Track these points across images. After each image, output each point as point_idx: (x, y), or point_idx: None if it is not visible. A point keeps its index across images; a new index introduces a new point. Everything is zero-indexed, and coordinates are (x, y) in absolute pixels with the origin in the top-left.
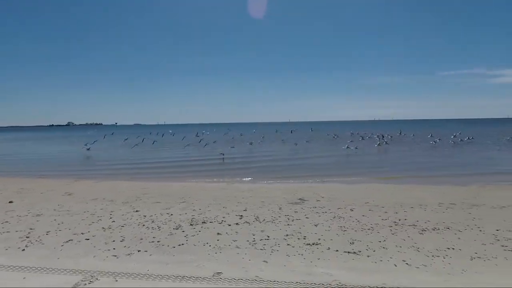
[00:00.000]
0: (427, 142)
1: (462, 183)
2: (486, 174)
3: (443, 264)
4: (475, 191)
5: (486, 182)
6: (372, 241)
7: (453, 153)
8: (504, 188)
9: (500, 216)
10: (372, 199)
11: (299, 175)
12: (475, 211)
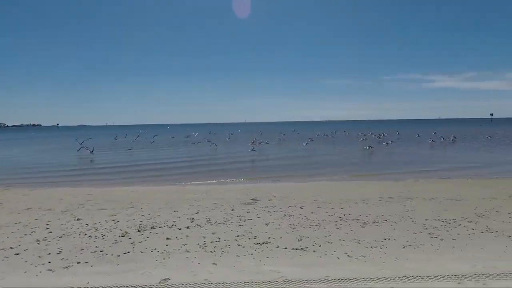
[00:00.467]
0: (372, 141)
1: (399, 178)
2: (419, 170)
3: (380, 254)
4: (410, 186)
5: (419, 177)
6: (318, 236)
7: (394, 151)
8: (433, 182)
9: (429, 207)
10: (320, 197)
11: (253, 176)
12: (409, 204)
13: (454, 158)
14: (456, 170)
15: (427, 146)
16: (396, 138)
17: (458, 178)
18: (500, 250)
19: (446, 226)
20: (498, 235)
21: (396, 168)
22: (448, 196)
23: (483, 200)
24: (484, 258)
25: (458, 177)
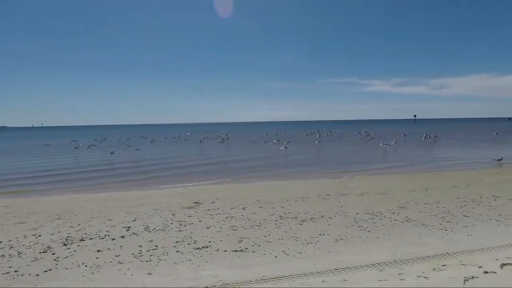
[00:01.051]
0: (312, 141)
1: (336, 175)
2: (354, 166)
3: (315, 249)
4: (345, 182)
5: (354, 174)
6: (258, 236)
7: (333, 149)
8: (365, 179)
9: (360, 201)
10: (263, 197)
11: (197, 178)
12: (343, 199)
13: (385, 155)
14: (387, 167)
15: (363, 144)
16: (339, 137)
17: (387, 174)
18: (416, 237)
19: (373, 219)
20: (415, 224)
21: (335, 166)
22: (377, 191)
23: (405, 192)
24: (403, 245)
25: (387, 173)
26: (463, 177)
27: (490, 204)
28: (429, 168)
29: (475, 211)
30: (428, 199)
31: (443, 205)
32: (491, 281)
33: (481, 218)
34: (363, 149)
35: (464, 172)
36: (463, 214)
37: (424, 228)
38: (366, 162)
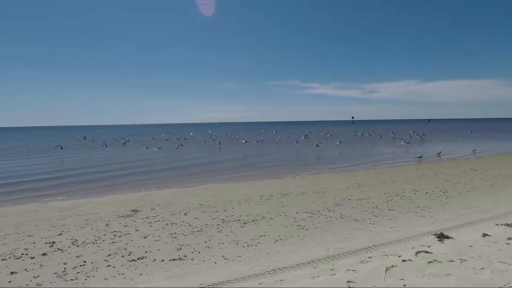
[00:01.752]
0: (254, 142)
1: (279, 176)
2: (295, 167)
3: (254, 251)
4: (287, 182)
5: (295, 173)
6: (199, 242)
7: (276, 150)
8: (306, 178)
9: (301, 201)
10: (206, 201)
11: (136, 184)
12: (285, 200)
13: (325, 154)
14: (325, 165)
15: (308, 144)
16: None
17: (325, 173)
18: (348, 232)
19: (311, 217)
20: (348, 219)
21: (281, 166)
22: (316, 190)
23: (341, 190)
24: (336, 241)
25: (326, 172)
26: (390, 174)
27: (411, 198)
28: (362, 166)
29: (399, 204)
30: (360, 195)
31: (373, 201)
32: (408, 268)
33: (403, 210)
34: (309, 150)
35: (391, 169)
36: (389, 208)
37: (356, 223)
38: (309, 162)
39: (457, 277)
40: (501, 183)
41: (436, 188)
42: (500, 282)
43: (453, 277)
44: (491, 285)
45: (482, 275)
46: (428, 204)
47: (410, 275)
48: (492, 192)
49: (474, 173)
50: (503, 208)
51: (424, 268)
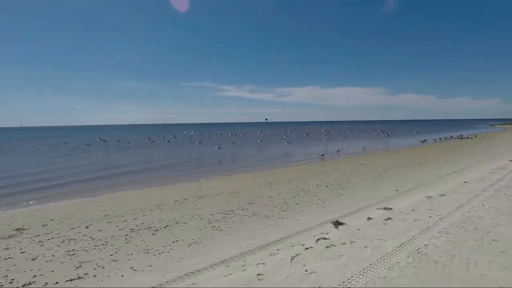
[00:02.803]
0: (163, 144)
1: (194, 179)
2: (211, 168)
3: (166, 258)
4: (203, 185)
5: (211, 175)
6: (103, 257)
7: (189, 152)
8: (221, 180)
9: (215, 202)
10: (113, 210)
11: (21, 197)
12: (200, 202)
13: (239, 155)
14: (238, 166)
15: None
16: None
17: (240, 173)
18: (259, 228)
19: (225, 217)
20: (260, 216)
21: (195, 169)
22: (231, 190)
23: (254, 189)
24: (248, 238)
25: (240, 172)
26: (298, 171)
27: (314, 192)
28: (275, 165)
29: (304, 198)
30: (272, 192)
31: (282, 197)
32: (310, 255)
33: (308, 204)
34: (226, 151)
35: (299, 167)
36: (296, 202)
37: (267, 219)
38: (224, 164)
39: (347, 257)
40: (382, 174)
41: (335, 181)
42: (377, 256)
43: (344, 257)
44: (371, 260)
45: (365, 253)
46: (328, 196)
47: (311, 261)
48: (376, 182)
49: (363, 167)
50: (382, 195)
51: (322, 253)
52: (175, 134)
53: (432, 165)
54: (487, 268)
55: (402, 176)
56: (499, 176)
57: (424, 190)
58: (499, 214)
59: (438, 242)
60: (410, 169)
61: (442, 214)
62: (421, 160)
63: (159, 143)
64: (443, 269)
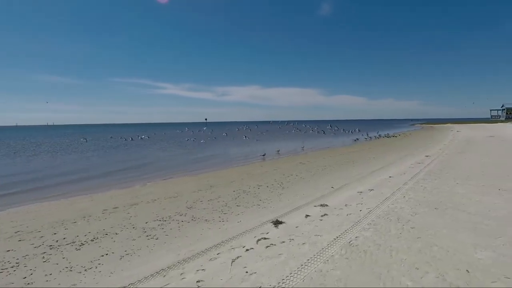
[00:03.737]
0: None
1: (127, 185)
2: (148, 173)
3: (94, 275)
4: (137, 191)
5: (147, 180)
6: (13, 281)
7: (123, 155)
8: (158, 184)
9: (151, 209)
10: (25, 225)
11: None
12: (133, 210)
13: (178, 158)
14: (177, 169)
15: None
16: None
17: (178, 177)
18: (199, 233)
19: (162, 225)
20: (199, 221)
21: (129, 174)
22: (168, 195)
23: (193, 193)
24: (186, 244)
25: (179, 176)
26: (239, 172)
27: (255, 192)
28: (215, 167)
29: (245, 200)
30: (212, 195)
31: (223, 199)
32: (250, 256)
33: (248, 205)
34: (164, 154)
35: (240, 168)
36: (236, 204)
37: (206, 223)
38: (163, 167)
39: (286, 254)
40: (319, 172)
41: (275, 181)
42: (314, 251)
43: (283, 255)
44: (308, 255)
45: (303, 249)
46: (269, 196)
47: (252, 261)
48: (313, 180)
49: (302, 166)
50: (320, 192)
51: (262, 253)
52: (103, 135)
53: (362, 162)
54: (406, 253)
55: (337, 173)
56: (417, 170)
57: (356, 185)
58: (417, 204)
59: (367, 234)
60: (344, 166)
61: (370, 207)
62: (353, 158)
63: (85, 146)
64: (371, 258)
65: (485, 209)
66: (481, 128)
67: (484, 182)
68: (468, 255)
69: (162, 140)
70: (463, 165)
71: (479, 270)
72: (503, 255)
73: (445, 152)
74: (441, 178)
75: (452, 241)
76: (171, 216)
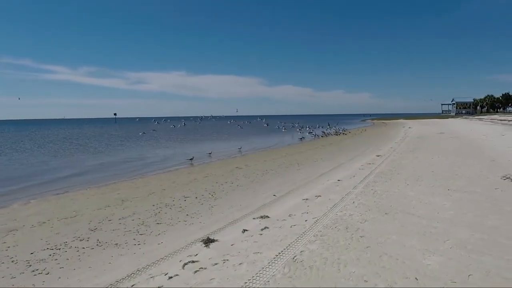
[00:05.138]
0: None
1: (1, 204)
2: (34, 186)
3: None
4: (17, 212)
5: (31, 197)
6: None
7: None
8: (49, 201)
9: (38, 235)
10: None
11: None
12: (11, 238)
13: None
14: (76, 180)
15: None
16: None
17: (76, 190)
18: (107, 262)
19: (55, 254)
20: (108, 246)
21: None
22: (63, 215)
23: (99, 210)
24: (90, 277)
25: (78, 188)
26: (159, 182)
27: (181, 206)
28: (126, 176)
29: (167, 216)
30: (124, 212)
31: (139, 217)
32: (176, 284)
33: (172, 222)
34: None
35: (160, 176)
36: (157, 221)
37: (117, 248)
38: (54, 178)
39: (219, 279)
40: (259, 178)
41: (206, 191)
42: (253, 272)
43: (216, 280)
44: (246, 278)
45: (240, 270)
46: (198, 209)
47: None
48: (252, 187)
49: (239, 171)
50: (260, 202)
51: (190, 280)
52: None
53: (309, 164)
54: (355, 265)
55: (280, 178)
56: (367, 172)
57: (301, 192)
58: (366, 210)
59: (313, 247)
60: (288, 170)
61: (317, 217)
62: (299, 160)
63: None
64: (317, 273)
65: (434, 211)
66: (433, 124)
67: (434, 183)
68: (417, 262)
69: (52, 142)
70: (414, 165)
71: (427, 277)
72: (450, 258)
73: (396, 150)
74: (391, 180)
75: (402, 248)
76: (67, 243)
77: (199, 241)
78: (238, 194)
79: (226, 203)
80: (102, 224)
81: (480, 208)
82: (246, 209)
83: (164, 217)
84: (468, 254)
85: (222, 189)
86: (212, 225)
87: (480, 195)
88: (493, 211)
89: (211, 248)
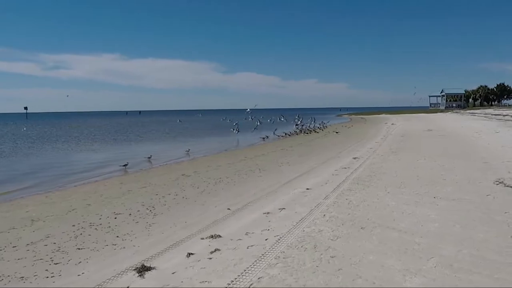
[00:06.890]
0: None
1: None
2: None
3: None
4: None
5: None
6: None
7: None
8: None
9: None
10: None
11: None
12: None
13: None
14: None
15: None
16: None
17: None
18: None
19: None
20: (10, 281)
21: None
22: None
23: (0, 234)
24: None
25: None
26: (82, 195)
27: (109, 225)
28: (38, 188)
29: (92, 238)
30: (34, 236)
31: (53, 241)
32: None
33: (97, 246)
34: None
35: (84, 187)
36: (77, 246)
37: (23, 282)
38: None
39: None
40: (211, 188)
41: (143, 205)
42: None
43: None
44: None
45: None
46: (131, 229)
47: None
48: (202, 200)
49: (186, 180)
50: (210, 218)
51: None
52: None
53: (273, 169)
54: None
55: (237, 188)
56: (342, 178)
57: (262, 204)
58: (339, 225)
59: (274, 271)
60: (247, 177)
61: (280, 234)
62: (260, 164)
63: None
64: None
65: (418, 224)
66: (419, 120)
67: (419, 190)
68: (396, 284)
69: None
70: (397, 169)
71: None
72: (433, 279)
73: (376, 152)
74: (370, 187)
75: (379, 269)
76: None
77: (131, 269)
78: (183, 208)
79: (168, 220)
80: (4, 252)
81: (468, 219)
82: (193, 227)
83: (87, 240)
84: (454, 273)
85: (164, 203)
86: (149, 248)
87: (469, 203)
88: (483, 222)
89: (146, 278)
